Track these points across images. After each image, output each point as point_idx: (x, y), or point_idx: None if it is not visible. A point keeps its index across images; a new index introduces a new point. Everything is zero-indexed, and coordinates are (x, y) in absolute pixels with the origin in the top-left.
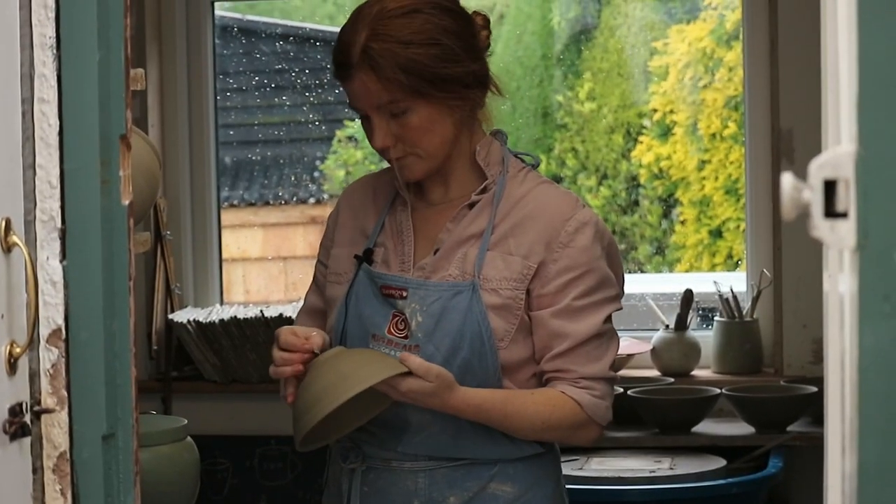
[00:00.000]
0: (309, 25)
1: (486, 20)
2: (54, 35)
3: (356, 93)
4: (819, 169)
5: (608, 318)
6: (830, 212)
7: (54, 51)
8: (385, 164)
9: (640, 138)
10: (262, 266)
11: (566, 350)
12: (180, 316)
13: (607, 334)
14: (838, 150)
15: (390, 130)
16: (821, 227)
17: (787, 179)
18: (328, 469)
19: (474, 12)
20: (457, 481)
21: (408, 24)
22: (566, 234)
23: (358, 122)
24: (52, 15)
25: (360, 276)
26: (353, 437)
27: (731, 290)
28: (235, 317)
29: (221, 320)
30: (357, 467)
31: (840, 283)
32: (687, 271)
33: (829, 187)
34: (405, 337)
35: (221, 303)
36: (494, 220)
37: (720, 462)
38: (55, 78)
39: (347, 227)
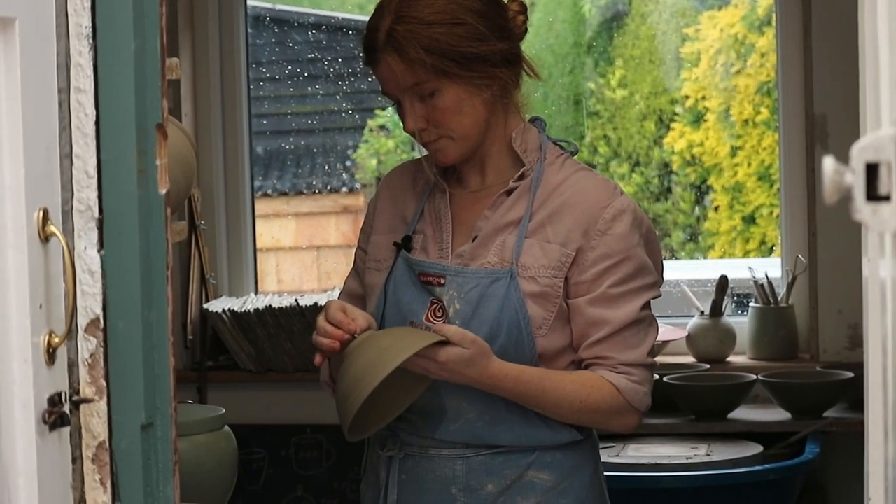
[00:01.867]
0: (341, 14)
1: (523, 6)
2: (90, 24)
3: (384, 77)
4: (861, 152)
5: (646, 305)
6: (872, 195)
7: (90, 40)
8: (421, 152)
9: (673, 125)
10: (295, 255)
11: (604, 337)
12: (215, 305)
13: (646, 321)
14: (879, 133)
15: (420, 113)
16: (863, 210)
17: (829, 163)
18: (367, 457)
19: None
20: (494, 469)
21: (431, 4)
22: (604, 222)
23: (389, 111)
24: (87, 4)
25: (398, 263)
26: (390, 425)
27: (767, 276)
28: (270, 306)
29: (256, 309)
30: (395, 455)
31: (881, 268)
32: (720, 258)
33: (871, 170)
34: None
35: (256, 292)
36: (532, 208)
37: (757, 448)
38: (91, 67)
39: (387, 214)
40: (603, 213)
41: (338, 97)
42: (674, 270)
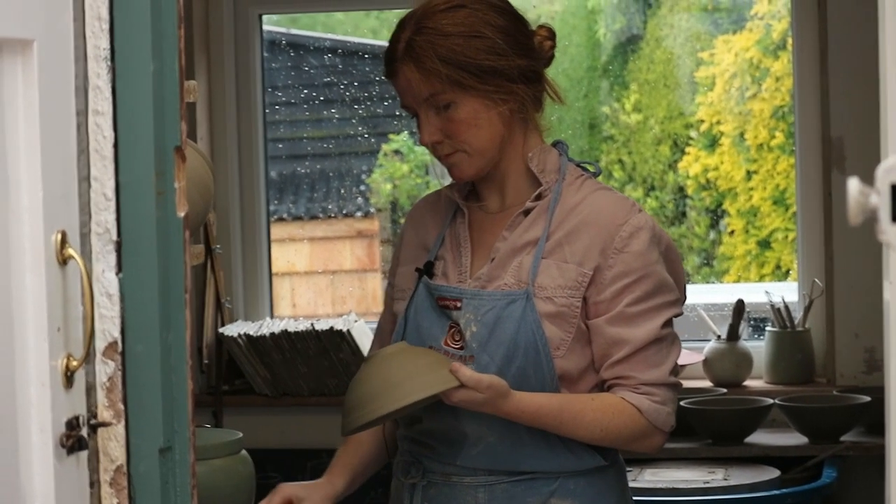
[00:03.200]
0: (356, 39)
1: (551, 32)
2: (108, 47)
3: (402, 88)
4: (886, 173)
5: (668, 323)
6: None
7: (108, 63)
8: (434, 175)
9: (687, 149)
10: (310, 280)
11: (625, 357)
12: (231, 329)
13: (668, 339)
14: None
15: (436, 126)
16: (888, 231)
17: (854, 184)
18: (392, 484)
19: (539, 25)
20: (517, 496)
21: (450, 17)
22: (621, 240)
23: (404, 135)
24: (106, 27)
25: (419, 289)
26: (412, 451)
27: (783, 300)
28: (286, 330)
29: (272, 334)
30: (417, 482)
31: None
32: (735, 282)
33: None
34: (461, 348)
35: (271, 316)
36: (550, 228)
37: (774, 472)
38: (110, 90)
39: (411, 245)
40: (620, 230)
41: (353, 121)
42: (689, 294)
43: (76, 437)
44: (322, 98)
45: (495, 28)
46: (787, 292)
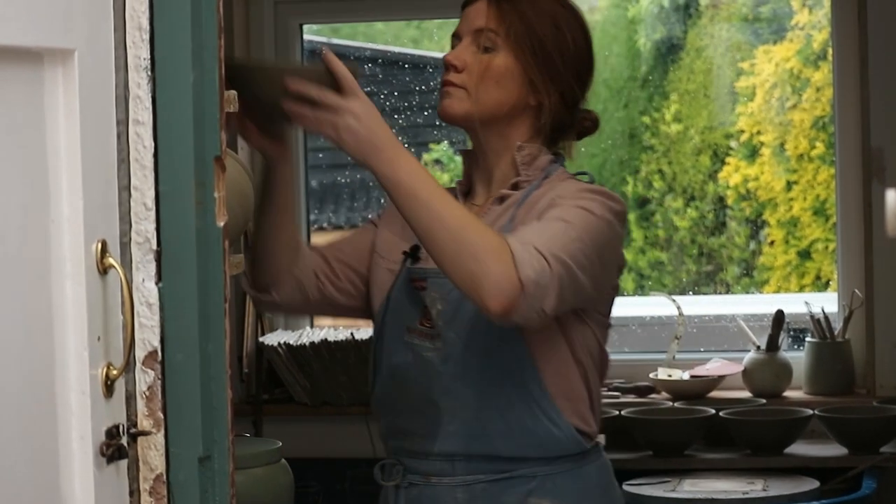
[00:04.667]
0: (396, 49)
1: (596, 121)
2: (149, 57)
3: (469, 14)
4: None
5: (584, 216)
6: None
7: (149, 72)
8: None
9: (727, 159)
10: None
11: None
12: (271, 339)
13: (575, 225)
14: None
15: (469, 58)
16: None
17: (894, 195)
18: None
19: (589, 110)
20: (495, 495)
21: (549, 7)
22: (564, 190)
23: (444, 144)
24: (146, 37)
25: (403, 271)
26: (395, 450)
27: (823, 311)
28: (326, 339)
29: (312, 343)
30: (399, 483)
31: None
32: (775, 292)
33: None
34: (431, 327)
35: (311, 325)
36: (516, 213)
37: (813, 483)
38: (150, 100)
39: (398, 215)
40: (569, 189)
41: (394, 131)
42: (729, 305)
43: (116, 446)
44: None
45: (574, 42)
46: (827, 303)
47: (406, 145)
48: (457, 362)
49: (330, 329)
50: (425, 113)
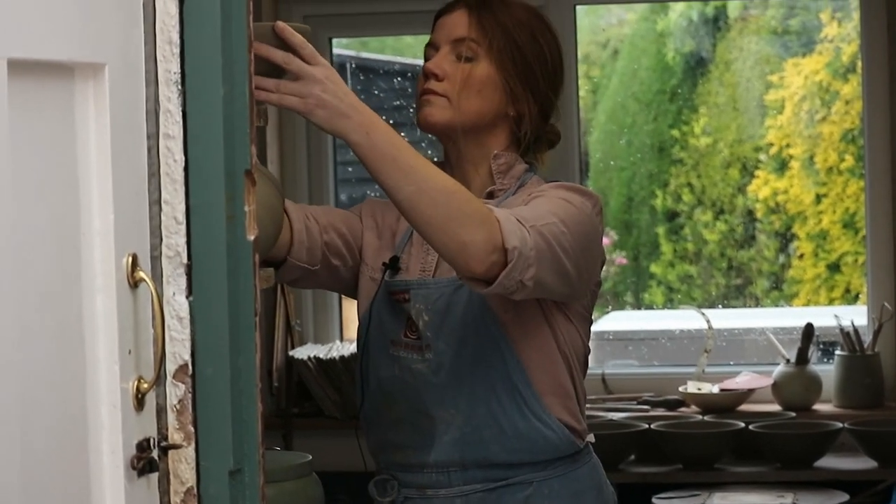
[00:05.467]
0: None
1: (558, 136)
2: (179, 70)
3: (446, 24)
4: None
5: (565, 211)
6: None
7: (179, 86)
8: None
9: (757, 172)
10: None
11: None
12: (301, 352)
13: (557, 213)
14: None
15: (448, 68)
16: None
17: None
18: None
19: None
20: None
21: (525, 13)
22: (541, 190)
23: None
24: (177, 51)
25: (382, 283)
26: (388, 466)
27: (852, 324)
28: (355, 353)
29: (342, 357)
30: (395, 499)
31: None
32: (805, 305)
33: None
34: (417, 338)
35: (341, 339)
36: None
37: (843, 496)
38: (180, 113)
39: (377, 217)
40: (544, 188)
41: (423, 144)
42: (758, 318)
43: (147, 459)
44: (391, 121)
45: (550, 53)
46: (857, 316)
47: (435, 158)
48: (448, 371)
49: None
50: None
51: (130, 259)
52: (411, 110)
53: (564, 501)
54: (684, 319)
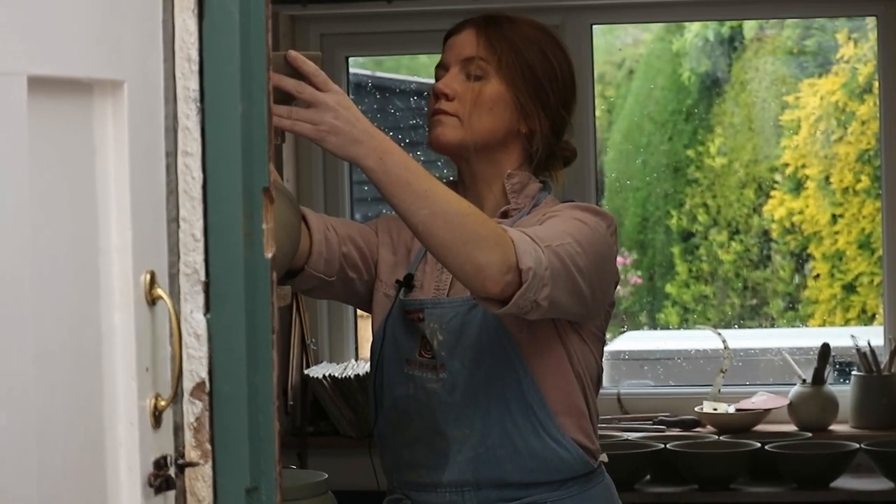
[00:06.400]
0: None
1: (574, 152)
2: (198, 88)
3: (455, 44)
4: None
5: (579, 231)
6: None
7: (198, 104)
8: None
9: (772, 192)
10: None
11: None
12: (316, 371)
13: (571, 232)
14: None
15: (458, 87)
16: None
17: None
18: None
19: (568, 141)
20: None
21: (534, 30)
22: (555, 210)
23: None
24: (195, 68)
25: (396, 301)
26: (401, 485)
27: (869, 344)
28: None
29: (357, 375)
30: None
31: None
32: (820, 326)
33: None
34: (432, 357)
35: (356, 358)
36: None
37: None
38: (199, 131)
39: (392, 233)
40: (559, 207)
41: (439, 164)
42: (774, 338)
43: (164, 477)
44: (407, 140)
45: (561, 70)
46: (873, 336)
47: (451, 178)
48: (463, 391)
49: None
50: None
51: (148, 276)
52: (427, 129)
53: None
54: (700, 339)
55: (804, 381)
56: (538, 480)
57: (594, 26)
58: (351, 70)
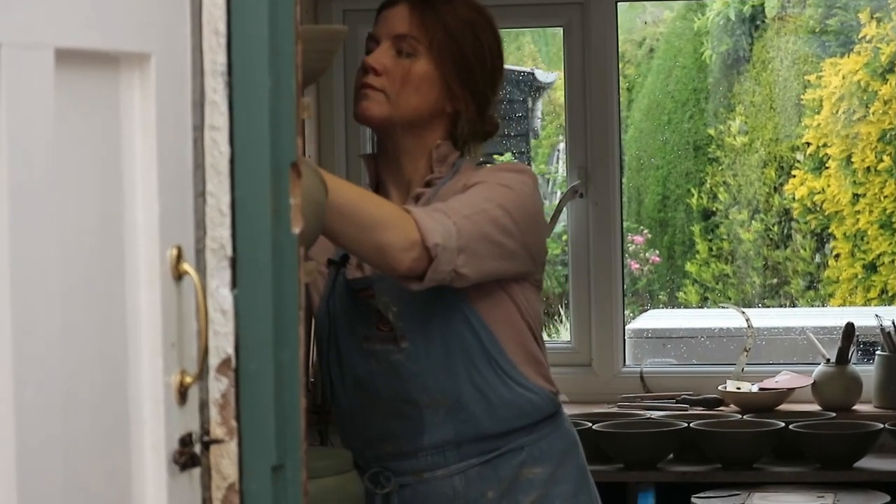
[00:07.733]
0: None
1: (496, 125)
2: (226, 62)
3: (388, 18)
4: None
5: (503, 194)
6: None
7: (226, 77)
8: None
9: (793, 172)
10: None
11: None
12: None
13: (492, 197)
14: None
15: (388, 63)
16: None
17: None
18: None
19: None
20: (490, 475)
21: (469, 10)
22: (477, 176)
23: (507, 156)
24: (223, 41)
25: (338, 281)
26: (379, 458)
27: (893, 324)
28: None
29: None
30: (392, 490)
31: None
32: (841, 306)
33: None
34: (391, 330)
35: None
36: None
37: (884, 498)
38: (226, 105)
39: None
40: (481, 174)
41: None
42: (797, 317)
43: (189, 454)
44: None
45: (491, 52)
46: None
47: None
48: (427, 356)
49: None
50: None
51: (175, 252)
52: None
53: (555, 459)
54: (722, 318)
55: (828, 360)
56: (513, 427)
57: (619, 4)
58: None
